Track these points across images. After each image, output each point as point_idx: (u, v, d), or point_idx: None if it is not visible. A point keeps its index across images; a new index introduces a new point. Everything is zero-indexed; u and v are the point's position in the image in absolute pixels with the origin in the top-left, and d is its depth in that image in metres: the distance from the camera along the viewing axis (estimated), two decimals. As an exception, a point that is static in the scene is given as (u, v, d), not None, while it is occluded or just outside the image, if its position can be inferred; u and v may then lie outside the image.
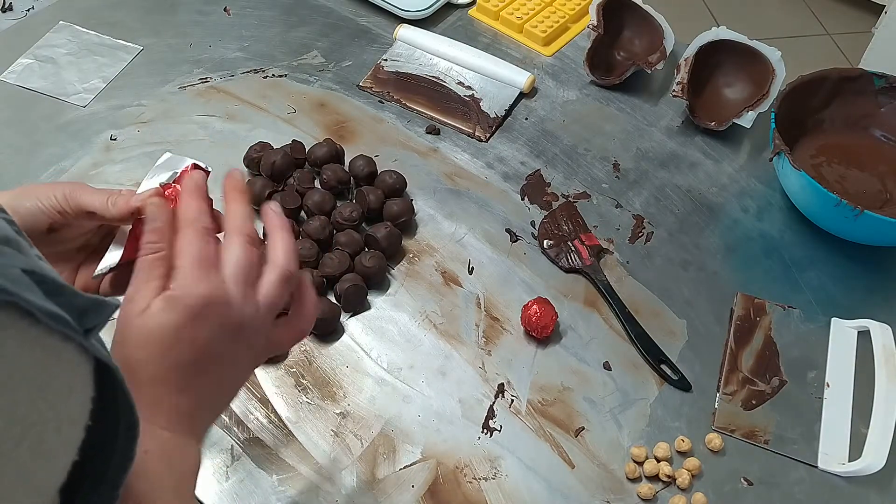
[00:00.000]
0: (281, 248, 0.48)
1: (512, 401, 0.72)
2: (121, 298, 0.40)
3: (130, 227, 0.50)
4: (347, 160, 0.88)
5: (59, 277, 0.34)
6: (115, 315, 0.43)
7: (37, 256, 0.36)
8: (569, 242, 0.83)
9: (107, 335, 0.37)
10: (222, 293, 0.44)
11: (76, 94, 0.96)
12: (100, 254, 0.51)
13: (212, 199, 0.49)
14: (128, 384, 0.42)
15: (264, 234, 0.51)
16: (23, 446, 0.29)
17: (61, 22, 1.04)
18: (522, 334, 0.76)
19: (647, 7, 1.02)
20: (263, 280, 0.47)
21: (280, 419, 0.69)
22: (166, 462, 0.43)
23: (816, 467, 0.68)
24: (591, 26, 0.99)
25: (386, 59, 1.02)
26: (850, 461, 0.68)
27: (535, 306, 0.74)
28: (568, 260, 0.82)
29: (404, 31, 1.03)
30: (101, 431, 0.36)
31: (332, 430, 0.69)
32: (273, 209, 0.50)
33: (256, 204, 0.66)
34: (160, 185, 0.49)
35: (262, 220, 0.50)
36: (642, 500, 0.66)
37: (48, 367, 0.31)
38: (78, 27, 1.03)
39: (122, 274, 0.49)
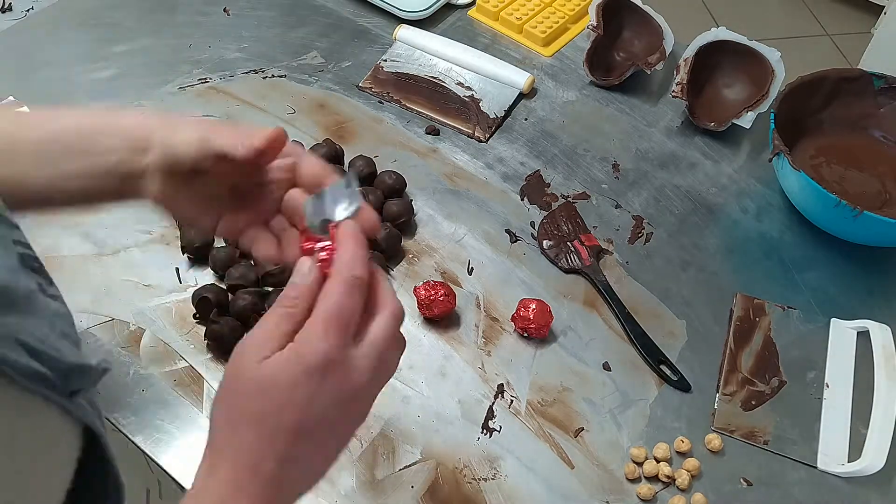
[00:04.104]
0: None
1: (511, 401, 0.72)
2: (110, 363, 0.38)
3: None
4: (347, 160, 0.88)
5: (47, 339, 0.32)
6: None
7: (51, 298, 0.34)
8: (568, 243, 0.83)
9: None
10: (345, 356, 0.41)
11: (76, 95, 0.96)
12: (247, 202, 0.50)
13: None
14: (226, 435, 0.40)
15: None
16: None
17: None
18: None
19: (646, 7, 1.02)
20: (390, 354, 0.44)
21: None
22: None
23: (816, 468, 0.68)
24: (590, 27, 0.99)
25: (385, 60, 1.02)
26: (849, 461, 0.68)
27: (532, 305, 0.74)
28: (567, 260, 0.82)
29: (404, 32, 1.03)
30: (90, 495, 0.34)
31: (332, 431, 0.69)
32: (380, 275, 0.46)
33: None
34: (326, 222, 0.45)
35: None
36: (642, 500, 0.66)
37: (22, 429, 0.30)
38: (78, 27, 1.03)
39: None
